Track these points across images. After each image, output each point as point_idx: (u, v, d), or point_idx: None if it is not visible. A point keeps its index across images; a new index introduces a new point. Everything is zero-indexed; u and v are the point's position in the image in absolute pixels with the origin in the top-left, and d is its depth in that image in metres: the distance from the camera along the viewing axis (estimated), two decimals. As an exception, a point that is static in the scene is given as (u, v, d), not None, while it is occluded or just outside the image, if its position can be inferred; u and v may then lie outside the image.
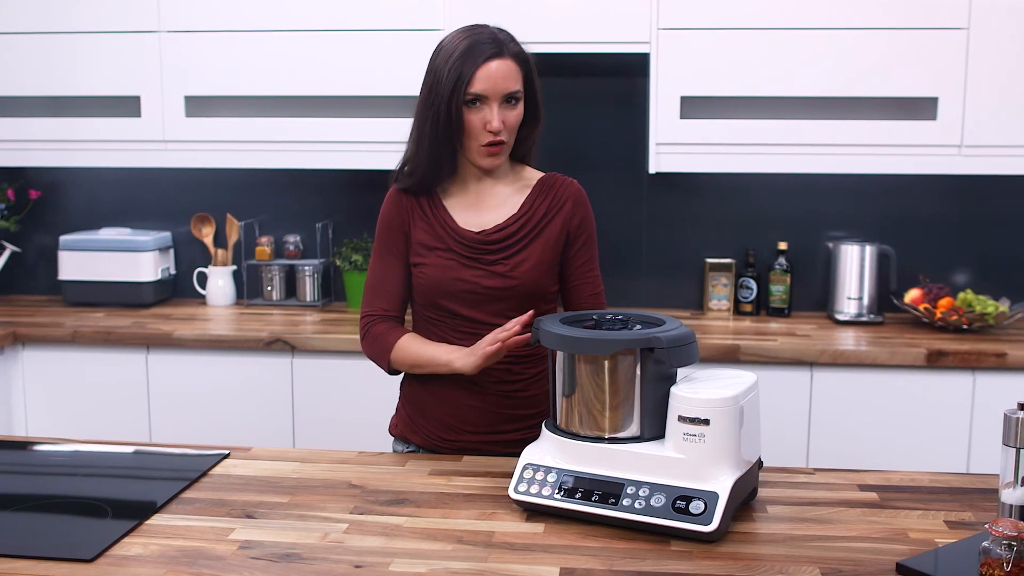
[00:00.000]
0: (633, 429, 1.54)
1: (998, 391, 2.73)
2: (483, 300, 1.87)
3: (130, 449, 1.85)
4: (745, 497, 1.54)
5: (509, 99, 1.83)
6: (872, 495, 1.63)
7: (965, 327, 2.94)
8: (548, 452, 1.58)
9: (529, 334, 1.71)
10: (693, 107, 2.99)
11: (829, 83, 2.91)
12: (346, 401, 2.91)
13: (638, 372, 1.53)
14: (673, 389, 1.50)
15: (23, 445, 1.87)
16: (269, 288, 3.41)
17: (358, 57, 3.05)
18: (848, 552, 1.40)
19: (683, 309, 3.34)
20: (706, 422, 1.45)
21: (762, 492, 1.64)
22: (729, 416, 1.46)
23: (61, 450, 1.85)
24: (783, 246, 3.23)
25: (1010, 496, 1.42)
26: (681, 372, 1.59)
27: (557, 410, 1.60)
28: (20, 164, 3.26)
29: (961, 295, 3.01)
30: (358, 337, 1.99)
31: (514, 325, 1.76)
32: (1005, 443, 1.42)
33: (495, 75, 1.80)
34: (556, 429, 1.59)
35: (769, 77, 2.92)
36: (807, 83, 2.92)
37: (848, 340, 2.88)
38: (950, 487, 1.67)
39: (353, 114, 3.12)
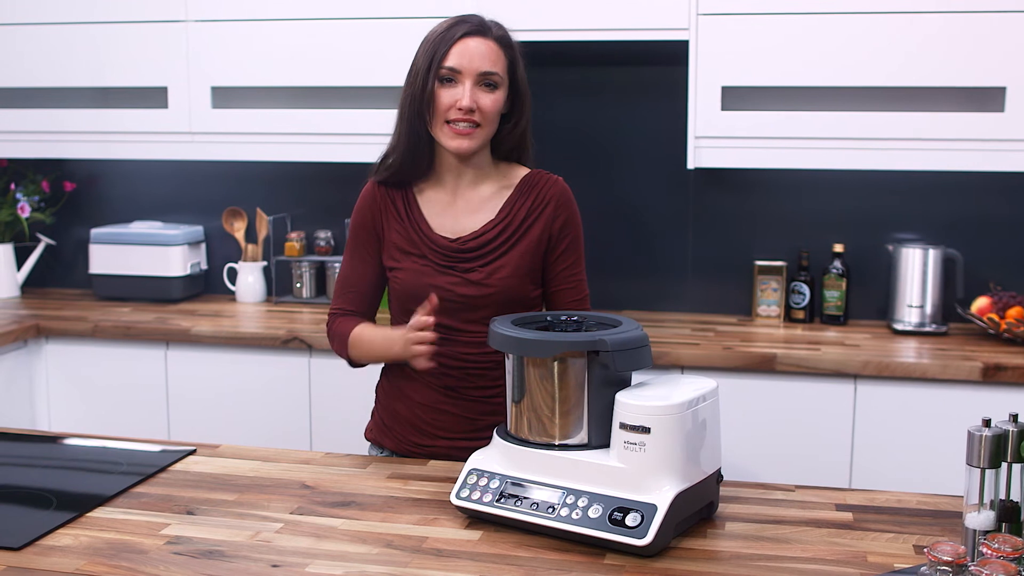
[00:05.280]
0: (581, 436, 1.57)
1: (1065, 411, 2.64)
2: (458, 308, 1.92)
3: (97, 443, 1.96)
4: (697, 512, 1.55)
5: (487, 82, 1.88)
6: (847, 515, 1.62)
7: (1034, 340, 2.86)
8: (495, 458, 1.62)
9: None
10: (735, 98, 2.97)
11: (884, 72, 2.86)
12: (363, 401, 2.99)
13: (585, 377, 1.55)
14: (618, 395, 1.52)
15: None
16: (299, 285, 3.53)
17: (390, 46, 3.13)
18: (792, 574, 1.41)
19: (730, 315, 3.32)
20: (647, 430, 1.47)
21: (728, 508, 1.64)
22: (672, 425, 1.47)
23: (33, 443, 1.97)
24: (839, 248, 3.18)
25: (974, 520, 1.40)
26: (643, 377, 1.62)
27: (508, 415, 1.64)
28: (45, 155, 3.45)
29: (1032, 304, 2.92)
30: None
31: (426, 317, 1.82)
32: (969, 463, 1.40)
33: (472, 51, 1.87)
34: (506, 435, 1.63)
35: (818, 65, 2.89)
36: (860, 72, 2.87)
37: (900, 351, 2.83)
38: (937, 510, 1.65)
39: (385, 105, 3.19)
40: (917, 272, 3.08)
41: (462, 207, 1.96)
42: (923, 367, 2.71)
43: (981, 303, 3.02)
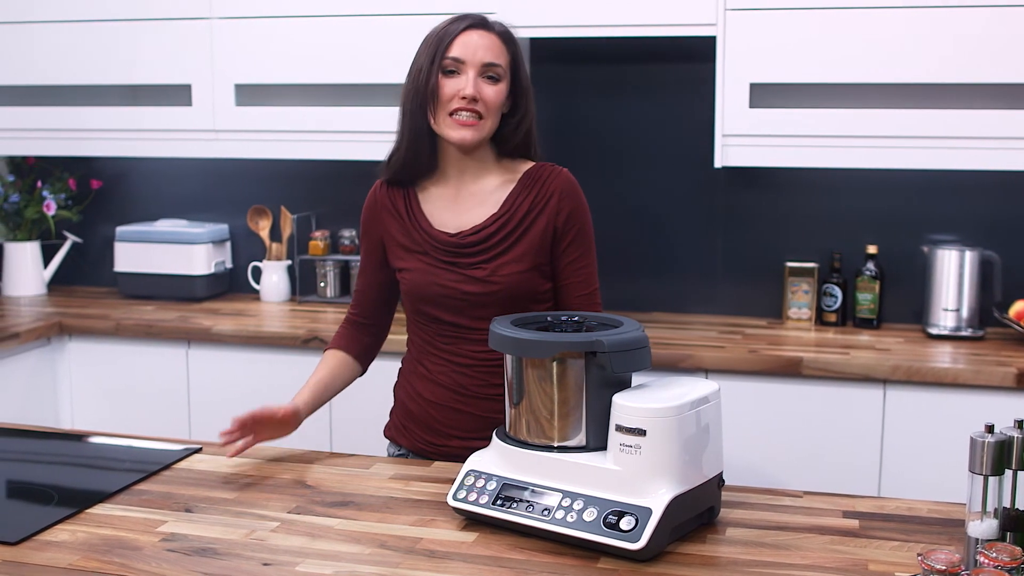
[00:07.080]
0: (579, 438, 1.58)
1: (1103, 420, 2.60)
2: (465, 305, 1.95)
3: (104, 440, 2.01)
4: (697, 516, 1.56)
5: (489, 75, 1.92)
6: (852, 523, 1.62)
7: (1074, 346, 2.82)
8: (493, 460, 1.64)
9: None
10: (764, 95, 2.96)
11: (918, 68, 2.83)
12: (382, 400, 3.01)
13: (583, 378, 1.57)
14: (615, 397, 1.53)
15: (10, 432, 2.06)
16: (323, 284, 3.57)
17: (416, 42, 3.14)
18: (788, 581, 1.41)
19: (760, 317, 3.30)
20: (643, 433, 1.48)
21: (731, 513, 1.65)
22: (667, 427, 1.48)
23: (43, 439, 2.03)
24: (872, 250, 3.16)
25: (976, 529, 1.40)
26: (646, 379, 1.63)
27: (506, 416, 1.66)
28: (71, 153, 3.53)
29: (1071, 309, 2.88)
30: (397, 338, 2.19)
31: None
32: (972, 470, 1.39)
33: (475, 43, 1.92)
34: (504, 436, 1.65)
35: (849, 61, 2.87)
36: (892, 68, 2.85)
37: (932, 356, 2.80)
38: (947, 518, 1.64)
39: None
40: (953, 275, 3.04)
41: (465, 202, 1.99)
42: (955, 372, 2.68)
43: (1020, 307, 2.98)
